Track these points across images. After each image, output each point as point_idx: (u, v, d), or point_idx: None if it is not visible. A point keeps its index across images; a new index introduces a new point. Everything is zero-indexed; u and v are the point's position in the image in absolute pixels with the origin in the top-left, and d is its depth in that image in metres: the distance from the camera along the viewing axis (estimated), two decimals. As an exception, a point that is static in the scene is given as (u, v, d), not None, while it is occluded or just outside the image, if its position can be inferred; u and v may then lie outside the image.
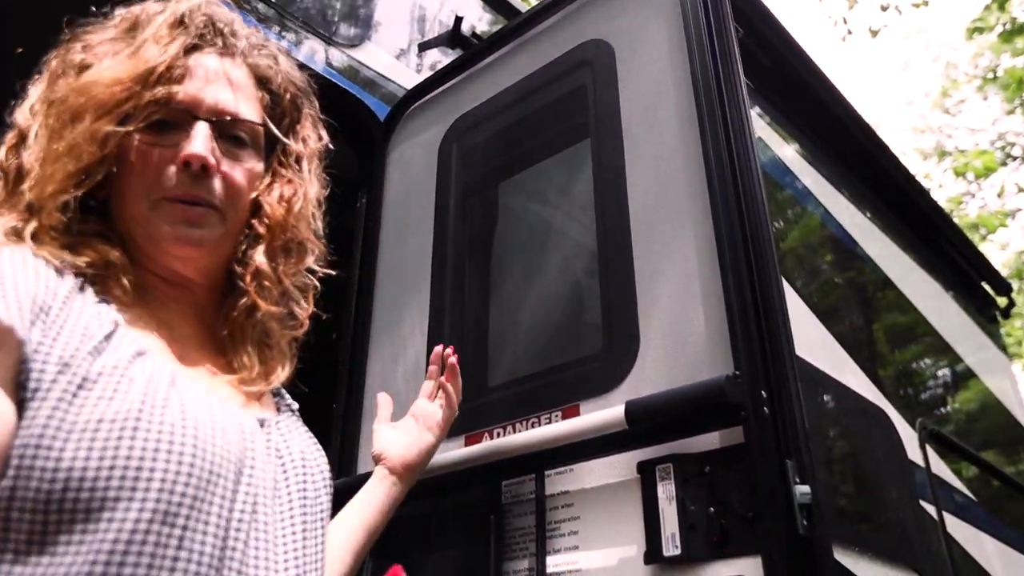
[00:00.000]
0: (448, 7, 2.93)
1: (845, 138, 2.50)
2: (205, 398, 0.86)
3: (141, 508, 0.73)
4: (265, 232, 0.99)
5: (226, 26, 0.99)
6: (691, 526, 1.15)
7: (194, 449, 0.78)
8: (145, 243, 0.93)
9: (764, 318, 1.19)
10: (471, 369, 1.80)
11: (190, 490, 0.77)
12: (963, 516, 2.35)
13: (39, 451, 0.72)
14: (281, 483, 0.91)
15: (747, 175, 1.31)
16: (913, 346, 2.83)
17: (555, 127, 1.87)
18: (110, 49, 0.93)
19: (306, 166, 1.05)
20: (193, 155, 0.90)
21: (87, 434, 0.74)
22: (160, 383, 0.81)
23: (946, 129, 14.62)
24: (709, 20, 1.49)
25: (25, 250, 0.83)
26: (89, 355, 0.78)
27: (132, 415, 0.76)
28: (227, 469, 0.82)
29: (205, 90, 0.94)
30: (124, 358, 0.80)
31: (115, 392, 0.77)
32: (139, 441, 0.75)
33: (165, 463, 0.76)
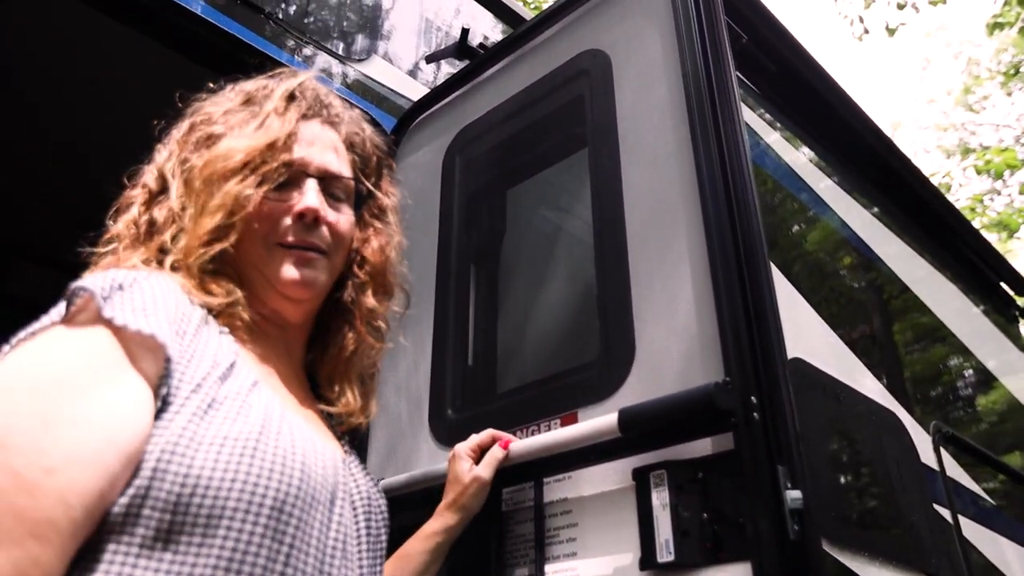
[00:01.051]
0: (455, 19, 2.96)
1: (854, 140, 2.49)
2: (308, 430, 0.96)
3: (255, 522, 0.82)
4: (368, 279, 1.15)
5: (326, 98, 1.17)
6: (684, 532, 1.16)
7: (301, 475, 0.88)
8: (260, 285, 1.05)
9: (756, 324, 1.20)
10: (475, 378, 1.82)
11: (296, 511, 0.86)
12: (980, 520, 2.32)
13: (174, 457, 0.81)
14: (352, 524, 1.01)
15: (739, 182, 1.32)
16: (928, 349, 2.80)
17: (555, 137, 1.89)
18: (236, 120, 1.09)
19: (391, 217, 1.22)
20: (308, 208, 1.06)
21: (214, 447, 0.83)
22: (273, 412, 0.91)
23: (969, 126, 14.44)
24: (702, 27, 1.51)
25: (167, 277, 0.94)
26: (218, 380, 0.88)
27: (253, 437, 0.85)
28: (325, 497, 0.92)
29: (313, 153, 1.10)
30: (245, 386, 0.90)
31: (238, 415, 0.87)
32: (257, 460, 0.84)
33: (278, 483, 0.85)
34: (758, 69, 2.10)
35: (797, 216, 2.30)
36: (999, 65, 13.46)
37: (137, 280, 0.88)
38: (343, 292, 1.14)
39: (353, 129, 1.19)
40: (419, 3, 2.89)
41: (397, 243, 1.22)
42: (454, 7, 3.00)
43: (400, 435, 1.81)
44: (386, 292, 1.18)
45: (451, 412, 1.72)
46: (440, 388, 1.76)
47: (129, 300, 0.85)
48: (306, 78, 1.16)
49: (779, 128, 2.23)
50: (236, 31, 2.25)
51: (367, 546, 1.01)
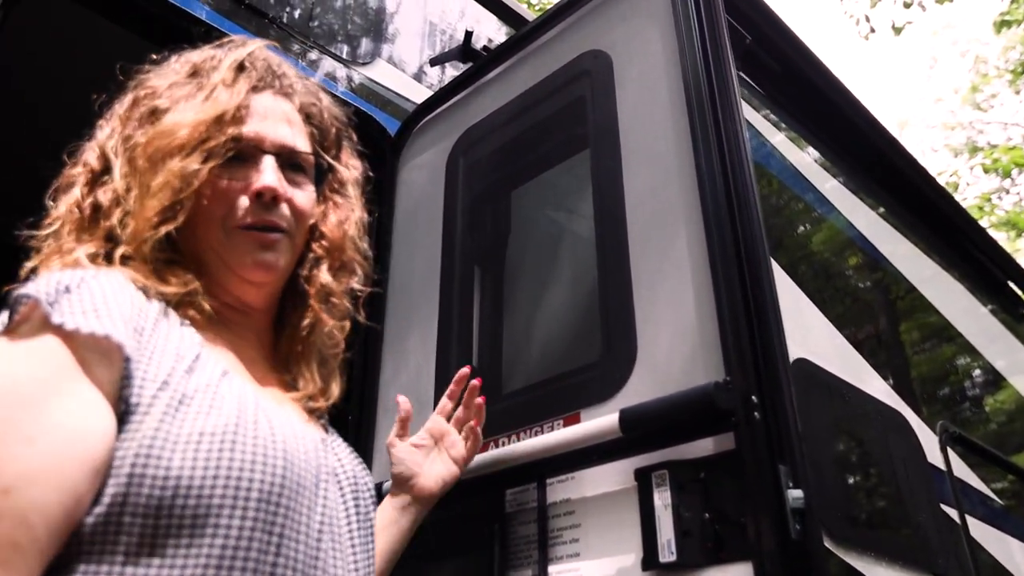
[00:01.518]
0: (459, 22, 2.97)
1: (859, 140, 2.48)
2: (285, 416, 0.93)
3: (243, 516, 0.79)
4: (325, 253, 1.09)
5: (278, 68, 1.09)
6: (686, 532, 1.16)
7: (285, 463, 0.85)
8: (219, 270, 1.00)
9: (757, 323, 1.20)
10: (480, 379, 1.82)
11: (284, 500, 0.84)
12: (988, 520, 2.31)
13: (149, 460, 0.78)
14: (339, 502, 0.98)
15: (740, 181, 1.32)
16: (935, 349, 2.79)
17: (557, 138, 1.89)
18: (182, 94, 1.02)
19: (351, 191, 1.15)
20: (266, 186, 0.99)
21: (191, 446, 0.80)
22: (247, 401, 0.88)
23: (977, 125, 14.36)
24: (703, 28, 1.50)
25: (117, 273, 0.89)
26: (185, 374, 0.85)
27: (230, 429, 0.82)
28: (310, 482, 0.89)
29: (267, 127, 1.03)
30: (214, 377, 0.87)
31: (211, 408, 0.83)
32: (238, 454, 0.81)
33: (262, 474, 0.82)
34: (762, 69, 2.10)
35: (803, 216, 2.30)
36: (1007, 63, 13.40)
37: (85, 280, 0.83)
38: (300, 269, 1.08)
39: (310, 100, 1.12)
40: (423, 6, 2.90)
41: (358, 218, 1.15)
42: (458, 10, 3.01)
43: (405, 436, 1.81)
44: (343, 268, 1.11)
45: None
46: (445, 388, 1.75)
47: (78, 302, 0.81)
48: (256, 47, 1.09)
49: (784, 128, 2.23)
50: (241, 35, 2.26)
51: (357, 524, 0.99)
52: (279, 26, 2.39)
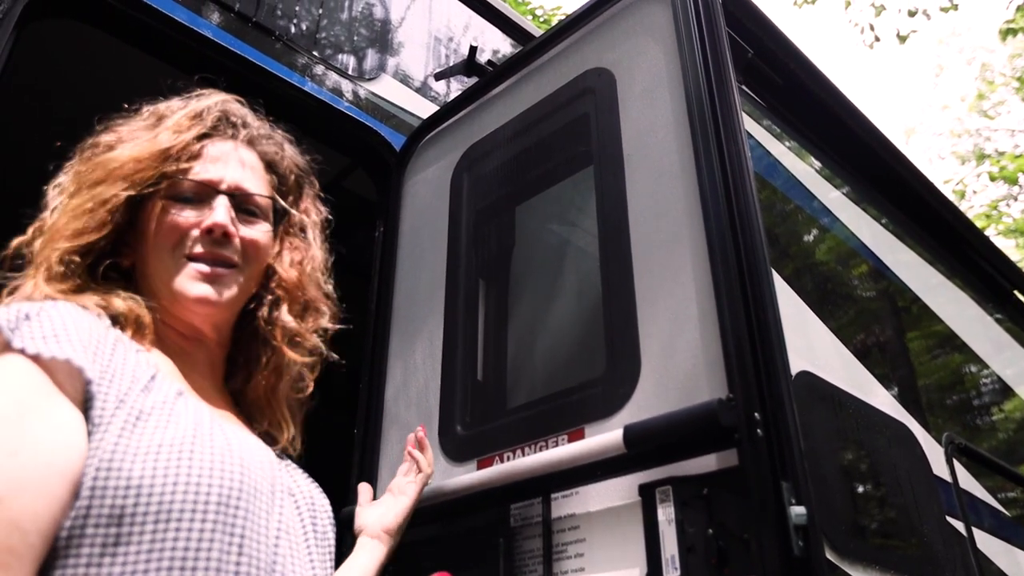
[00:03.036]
0: (463, 37, 3.00)
1: (862, 150, 2.49)
2: (240, 432, 0.98)
3: (203, 519, 0.83)
4: (284, 294, 1.13)
5: (239, 119, 1.16)
6: (690, 548, 1.17)
7: (242, 471, 0.89)
8: (168, 300, 1.05)
9: (759, 340, 1.21)
10: (484, 395, 1.83)
11: (243, 503, 0.88)
12: (995, 531, 2.30)
13: (111, 472, 0.81)
14: (295, 517, 1.01)
15: (742, 198, 1.33)
16: (940, 359, 2.78)
17: (561, 154, 1.91)
18: (135, 136, 1.09)
19: (311, 234, 1.20)
20: (216, 223, 1.05)
21: (150, 456, 0.84)
22: (203, 417, 0.92)
23: (984, 132, 14.33)
24: (704, 44, 1.52)
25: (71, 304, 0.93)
26: (141, 392, 0.89)
27: (187, 441, 0.87)
28: (266, 489, 0.93)
29: (222, 170, 1.10)
30: (170, 396, 0.91)
31: (168, 422, 0.88)
32: (196, 462, 0.86)
33: (220, 479, 0.86)
34: (765, 82, 2.12)
35: (806, 227, 2.31)
36: (1013, 70, 13.38)
37: (44, 309, 0.88)
38: (259, 310, 1.12)
39: (272, 149, 1.18)
40: (428, 22, 2.93)
41: (319, 259, 1.19)
42: (463, 25, 3.04)
43: (411, 451, 1.82)
44: (307, 308, 1.15)
45: (460, 428, 1.74)
46: (450, 404, 1.78)
47: (39, 328, 0.85)
48: (220, 99, 1.15)
49: (787, 140, 2.24)
50: (248, 53, 2.29)
51: (315, 543, 1.03)
52: (286, 43, 2.42)
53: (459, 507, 1.52)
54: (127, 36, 2.19)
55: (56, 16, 2.01)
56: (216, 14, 2.28)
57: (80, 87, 3.07)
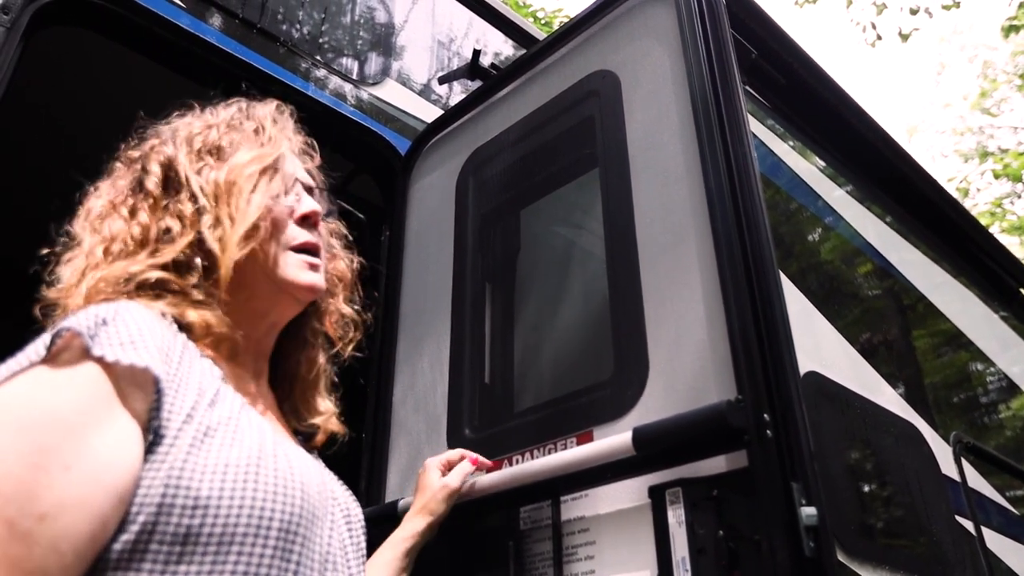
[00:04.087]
0: (466, 40, 3.00)
1: (866, 149, 2.49)
2: (296, 450, 0.98)
3: (264, 544, 0.84)
4: (341, 288, 1.20)
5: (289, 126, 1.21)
6: (700, 550, 1.17)
7: (303, 495, 0.90)
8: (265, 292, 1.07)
9: (768, 341, 1.21)
10: (492, 398, 1.84)
11: (301, 530, 0.88)
12: (1004, 530, 2.30)
13: (179, 489, 0.81)
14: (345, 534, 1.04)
15: (748, 198, 1.34)
16: (947, 357, 2.78)
17: (567, 157, 1.91)
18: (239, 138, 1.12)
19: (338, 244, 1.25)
20: (315, 211, 1.12)
21: (218, 475, 0.83)
22: (266, 435, 0.92)
23: (987, 130, 14.31)
24: (709, 45, 1.52)
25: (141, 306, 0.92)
26: (208, 407, 0.89)
27: (253, 462, 0.87)
28: (323, 512, 0.95)
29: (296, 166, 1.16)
30: (235, 411, 0.91)
31: (233, 440, 0.88)
32: (261, 484, 0.86)
33: (283, 505, 0.86)
34: (768, 82, 2.12)
35: (810, 227, 2.31)
36: (1016, 68, 13.36)
37: (119, 312, 0.87)
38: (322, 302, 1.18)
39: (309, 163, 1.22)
40: (431, 26, 2.94)
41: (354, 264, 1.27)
42: (465, 29, 3.05)
43: (419, 454, 1.83)
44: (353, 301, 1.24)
45: (469, 431, 1.74)
46: (458, 407, 1.78)
47: (116, 334, 0.84)
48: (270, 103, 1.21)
49: (791, 140, 2.25)
50: (253, 60, 2.30)
51: (353, 554, 1.04)
52: (290, 48, 2.43)
53: (468, 510, 1.52)
54: (133, 44, 2.20)
55: (64, 24, 2.02)
56: (221, 21, 2.29)
57: (82, 96, 3.09)
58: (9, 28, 1.79)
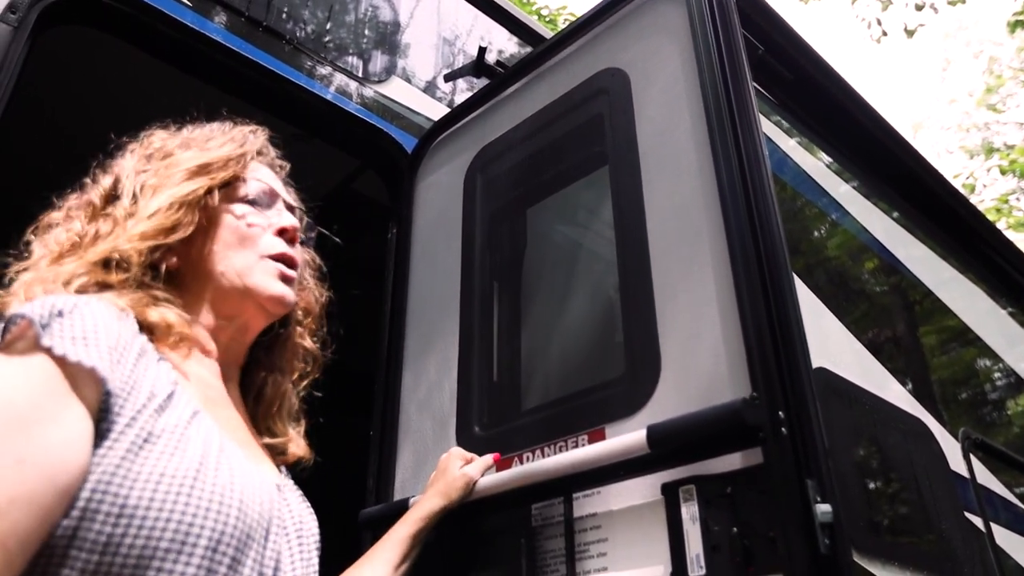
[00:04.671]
0: (471, 37, 3.00)
1: (873, 145, 2.48)
2: (246, 464, 0.94)
3: (187, 563, 0.79)
4: (311, 321, 1.19)
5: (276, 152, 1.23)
6: (715, 547, 1.17)
7: (239, 512, 0.86)
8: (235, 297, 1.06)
9: (781, 338, 1.21)
10: (502, 395, 1.84)
11: (231, 550, 0.84)
12: (1013, 526, 2.29)
13: (106, 496, 0.78)
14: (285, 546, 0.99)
15: (760, 196, 1.33)
16: (955, 353, 2.77)
17: (575, 155, 1.91)
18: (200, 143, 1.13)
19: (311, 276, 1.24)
20: (293, 226, 1.12)
21: (150, 485, 0.80)
22: (212, 445, 0.89)
23: (993, 126, 14.27)
24: (719, 43, 1.52)
25: (104, 302, 0.91)
26: (155, 412, 0.85)
27: (191, 474, 0.83)
28: (259, 532, 0.90)
29: (281, 188, 1.18)
30: (184, 418, 0.88)
31: (176, 450, 0.84)
32: (194, 499, 0.82)
33: (214, 523, 0.82)
34: (775, 78, 2.11)
35: (817, 223, 2.30)
36: (1021, 63, 13.31)
37: (78, 306, 0.85)
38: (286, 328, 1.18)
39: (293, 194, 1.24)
40: (436, 23, 2.93)
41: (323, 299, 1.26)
42: (470, 26, 3.04)
43: (427, 453, 1.83)
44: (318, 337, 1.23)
45: (478, 429, 1.74)
46: (467, 405, 1.78)
47: (69, 327, 0.82)
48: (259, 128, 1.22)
49: (797, 136, 2.24)
50: (259, 58, 2.30)
51: (300, 571, 0.99)
52: (296, 47, 2.42)
53: (480, 508, 1.52)
54: (140, 42, 2.20)
55: (71, 23, 2.02)
56: (227, 19, 2.29)
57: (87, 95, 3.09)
58: (16, 27, 1.79)
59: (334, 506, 1.88)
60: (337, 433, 2.55)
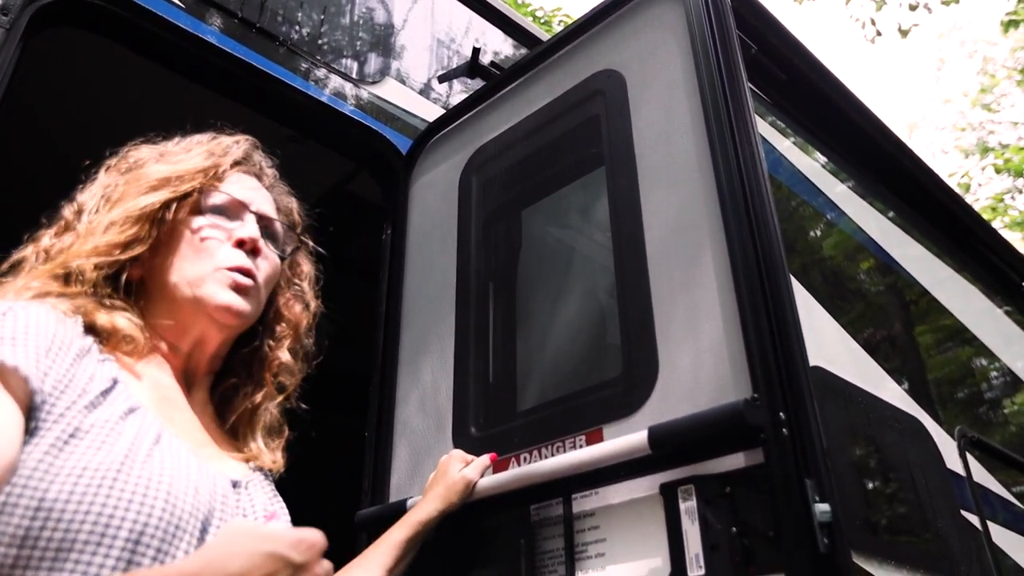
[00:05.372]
0: (466, 39, 3.00)
1: (867, 145, 2.49)
2: (186, 457, 0.94)
3: (107, 555, 0.79)
4: (289, 334, 1.17)
5: (261, 160, 1.23)
6: (714, 546, 1.17)
7: (164, 504, 0.85)
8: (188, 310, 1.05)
9: (779, 339, 1.21)
10: (497, 396, 1.83)
11: (155, 542, 0.83)
12: (1009, 525, 2.29)
13: (25, 490, 0.79)
14: None
15: (757, 196, 1.33)
16: (950, 352, 2.78)
17: (571, 156, 1.90)
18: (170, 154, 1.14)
19: (307, 287, 1.23)
20: (250, 237, 1.10)
21: (71, 479, 0.80)
22: (145, 439, 0.89)
23: (988, 125, 14.33)
24: (715, 44, 1.52)
25: (46, 306, 0.93)
26: (85, 408, 0.86)
27: (114, 466, 0.83)
28: (193, 526, 0.89)
29: (253, 195, 1.15)
30: (116, 413, 0.89)
31: (103, 444, 0.84)
32: (115, 491, 0.82)
33: (135, 514, 0.82)
34: (768, 78, 2.11)
35: (812, 223, 2.30)
36: (1015, 63, 13.37)
37: (12, 309, 0.87)
38: (260, 340, 1.16)
39: (285, 199, 1.24)
40: (431, 25, 2.93)
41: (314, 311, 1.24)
42: (465, 27, 3.04)
43: (424, 454, 1.83)
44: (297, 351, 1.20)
45: (475, 430, 1.74)
46: (463, 406, 1.78)
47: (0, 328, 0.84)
48: (245, 138, 1.22)
49: (792, 136, 2.24)
50: (253, 59, 2.29)
51: None
52: (290, 48, 2.42)
53: (478, 508, 1.51)
54: (133, 44, 2.19)
55: (64, 25, 2.00)
56: (221, 20, 2.28)
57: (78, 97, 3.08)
58: (8, 29, 1.78)
59: (330, 507, 1.87)
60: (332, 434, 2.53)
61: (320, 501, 2.23)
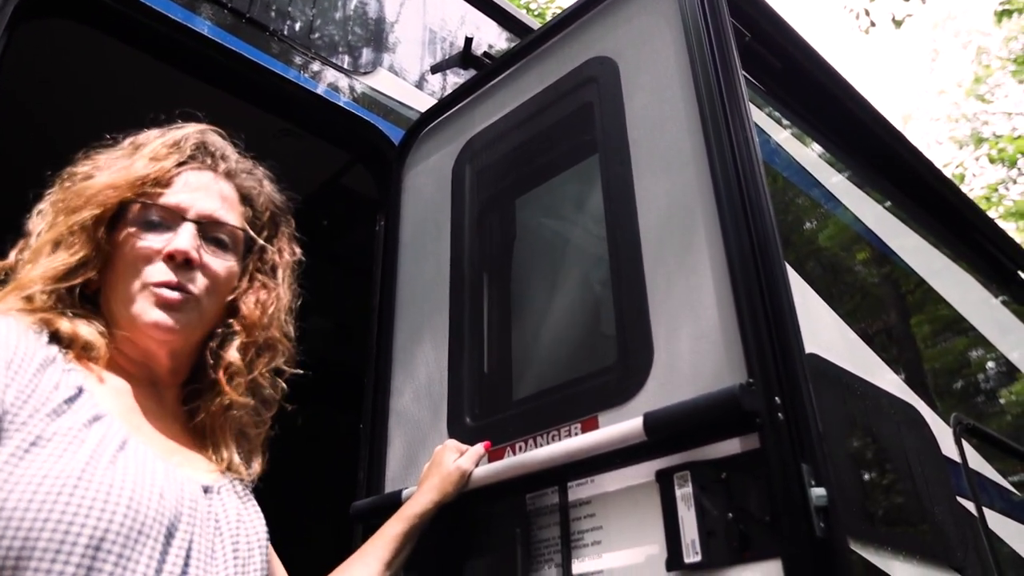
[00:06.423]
0: (459, 29, 2.98)
1: (862, 134, 2.48)
2: (151, 463, 0.93)
3: (66, 562, 0.79)
4: (241, 330, 1.11)
5: (217, 150, 1.17)
6: (710, 532, 1.16)
7: (127, 510, 0.85)
8: (126, 324, 1.04)
9: (774, 324, 1.20)
10: (492, 385, 1.82)
11: (116, 548, 0.83)
12: (1006, 512, 2.30)
13: None
14: (217, 545, 0.99)
15: (752, 183, 1.32)
16: (946, 341, 2.78)
17: (564, 144, 1.89)
18: (112, 164, 1.10)
19: (280, 274, 1.19)
20: (177, 250, 1.05)
21: (31, 487, 0.81)
22: (109, 446, 0.89)
23: (982, 116, 14.35)
24: (708, 30, 1.51)
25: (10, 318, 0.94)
26: (47, 416, 0.86)
27: (75, 473, 0.83)
28: (157, 531, 0.88)
29: (193, 198, 1.10)
30: (80, 421, 0.89)
31: (64, 452, 0.85)
32: (76, 498, 0.82)
33: (96, 520, 0.82)
34: (762, 66, 2.10)
35: (808, 213, 2.30)
36: (1009, 53, 13.38)
37: None
38: (212, 342, 1.12)
39: (250, 184, 1.19)
40: (423, 15, 2.91)
41: (285, 300, 1.18)
42: (458, 17, 3.02)
43: (419, 444, 1.82)
44: (262, 348, 1.14)
45: (470, 420, 1.73)
46: (458, 396, 1.77)
47: None
48: (199, 128, 1.17)
49: (787, 125, 2.23)
50: (243, 50, 2.27)
51: (234, 567, 0.99)
52: (280, 39, 2.40)
53: (474, 498, 1.51)
54: (122, 35, 2.17)
55: (49, 16, 1.98)
56: (211, 11, 2.26)
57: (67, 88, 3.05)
58: (-5, 19, 1.76)
59: (328, 505, 1.87)
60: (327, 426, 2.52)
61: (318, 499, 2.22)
